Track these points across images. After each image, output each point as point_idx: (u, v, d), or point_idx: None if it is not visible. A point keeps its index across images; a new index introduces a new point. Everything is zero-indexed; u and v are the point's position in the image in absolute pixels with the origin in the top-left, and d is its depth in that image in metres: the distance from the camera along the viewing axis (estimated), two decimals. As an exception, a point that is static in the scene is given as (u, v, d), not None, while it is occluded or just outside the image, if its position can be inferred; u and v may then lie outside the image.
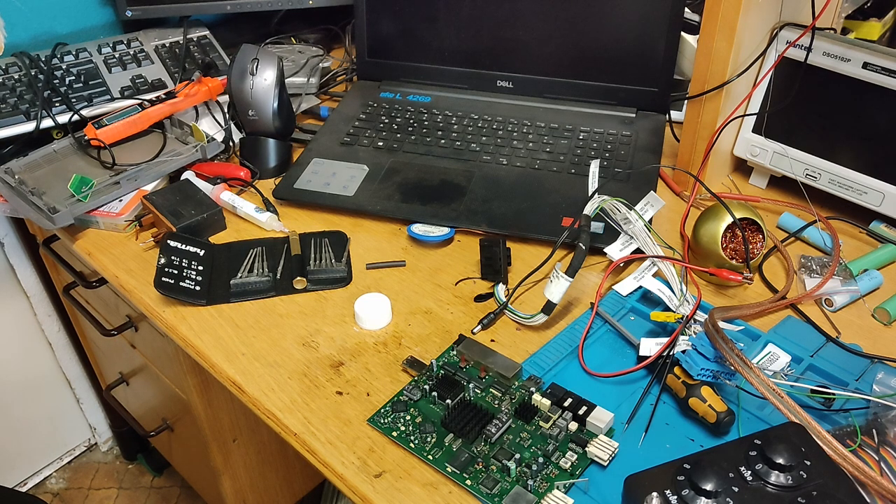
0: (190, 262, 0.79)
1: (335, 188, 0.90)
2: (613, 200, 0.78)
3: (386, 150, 0.97)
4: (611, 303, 0.75)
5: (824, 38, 0.82)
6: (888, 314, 0.73)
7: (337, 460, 0.62)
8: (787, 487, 0.49)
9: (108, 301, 1.05)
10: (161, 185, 0.92)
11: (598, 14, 0.98)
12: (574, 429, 0.61)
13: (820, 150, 0.85)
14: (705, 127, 0.87)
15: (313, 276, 0.80)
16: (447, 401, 0.64)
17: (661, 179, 0.93)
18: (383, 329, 0.74)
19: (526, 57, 1.03)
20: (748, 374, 0.58)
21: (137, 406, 1.28)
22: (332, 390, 0.68)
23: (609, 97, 1.01)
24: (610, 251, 0.78)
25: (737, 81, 0.84)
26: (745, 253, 0.75)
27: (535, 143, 0.96)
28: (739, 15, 0.78)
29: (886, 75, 0.78)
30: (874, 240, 0.83)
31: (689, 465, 0.50)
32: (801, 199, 0.86)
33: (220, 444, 1.06)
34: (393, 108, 1.04)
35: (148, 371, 1.11)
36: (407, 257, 0.83)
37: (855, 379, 0.65)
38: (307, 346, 0.72)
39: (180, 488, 1.56)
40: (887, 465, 0.57)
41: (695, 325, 0.68)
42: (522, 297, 0.78)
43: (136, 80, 1.04)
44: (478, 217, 0.85)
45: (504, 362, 0.67)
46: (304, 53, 1.17)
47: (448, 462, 0.60)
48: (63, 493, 1.57)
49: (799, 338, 0.70)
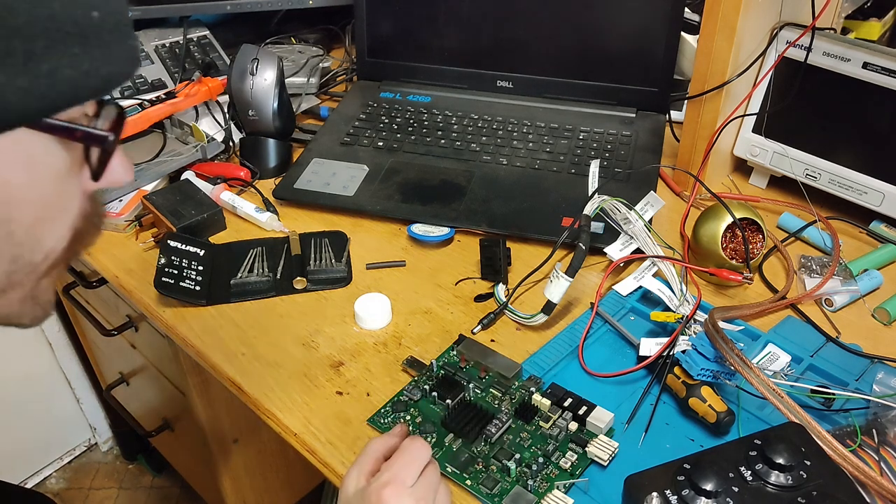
0: (190, 262, 0.79)
1: (335, 188, 0.90)
2: (613, 200, 0.78)
3: (386, 150, 0.96)
4: (611, 303, 0.75)
5: (824, 38, 0.82)
6: (888, 314, 0.73)
7: (337, 460, 0.62)
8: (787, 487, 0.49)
9: (108, 301, 1.05)
10: (161, 185, 0.92)
11: (598, 14, 0.98)
12: (574, 429, 0.61)
13: (820, 150, 0.85)
14: (705, 127, 0.87)
15: (313, 276, 0.80)
16: (447, 401, 0.64)
17: (661, 179, 0.93)
18: (383, 329, 0.74)
19: (526, 57, 1.03)
20: (748, 374, 0.58)
21: (137, 406, 1.28)
22: (332, 390, 0.68)
23: (609, 97, 1.01)
24: (610, 251, 0.78)
25: (737, 81, 0.84)
26: (745, 253, 0.75)
27: (535, 143, 0.96)
28: (739, 15, 0.78)
29: (886, 75, 0.78)
30: (874, 240, 0.83)
31: (689, 465, 0.50)
32: (801, 199, 0.86)
33: (220, 444, 1.06)
34: (393, 108, 1.04)
35: (148, 371, 1.11)
36: (407, 257, 0.83)
37: (855, 379, 0.65)
38: (307, 346, 0.72)
39: (180, 488, 1.56)
40: (887, 465, 0.57)
41: (695, 325, 0.68)
42: (522, 297, 0.77)
43: (136, 80, 1.04)
44: (478, 217, 0.85)
45: (504, 362, 0.67)
46: (304, 53, 1.17)
47: (448, 462, 0.60)
48: (63, 493, 1.57)
49: (799, 338, 0.70)
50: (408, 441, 0.54)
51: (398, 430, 0.58)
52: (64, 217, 0.39)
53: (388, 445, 0.55)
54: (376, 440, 0.56)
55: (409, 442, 0.54)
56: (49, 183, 0.37)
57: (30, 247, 0.38)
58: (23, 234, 0.37)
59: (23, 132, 0.34)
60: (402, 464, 0.51)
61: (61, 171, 0.37)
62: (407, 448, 0.53)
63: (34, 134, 0.35)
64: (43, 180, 0.36)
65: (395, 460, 0.52)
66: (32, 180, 0.36)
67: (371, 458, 0.54)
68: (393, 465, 0.51)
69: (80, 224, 0.40)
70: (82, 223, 0.40)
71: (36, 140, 0.35)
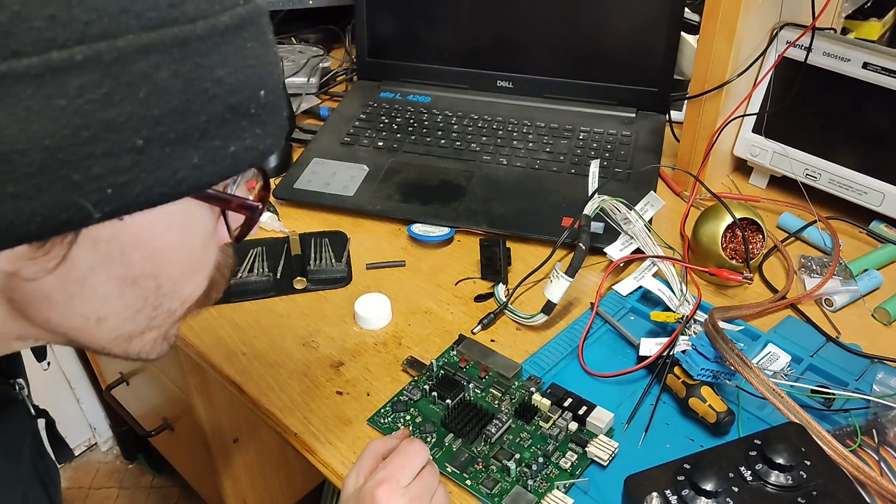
0: (190, 262, 0.79)
1: (335, 188, 0.90)
2: (613, 200, 0.78)
3: (386, 150, 0.96)
4: (611, 303, 0.75)
5: (824, 38, 0.82)
6: (888, 314, 0.73)
7: (337, 460, 0.62)
8: (787, 487, 0.49)
9: (108, 301, 1.05)
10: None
11: (598, 14, 0.98)
12: (574, 429, 0.61)
13: (820, 150, 0.85)
14: (705, 127, 0.87)
15: (313, 276, 0.80)
16: (447, 401, 0.64)
17: (661, 179, 0.93)
18: (383, 329, 0.74)
19: (526, 57, 1.03)
20: (748, 374, 0.58)
21: (137, 406, 1.28)
22: (332, 390, 0.68)
23: (609, 97, 1.01)
24: (610, 251, 0.78)
25: (737, 81, 0.84)
26: (745, 253, 0.75)
27: (535, 143, 0.96)
28: (739, 15, 0.78)
29: (886, 75, 0.78)
30: (874, 240, 0.83)
31: (689, 465, 0.50)
32: (801, 199, 0.86)
33: (220, 444, 1.06)
34: (393, 108, 1.04)
35: (148, 371, 1.11)
36: (407, 257, 0.83)
37: (855, 379, 0.65)
38: (307, 346, 0.72)
39: (180, 488, 1.56)
40: (887, 465, 0.57)
41: (695, 325, 0.68)
42: (522, 297, 0.77)
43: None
44: (478, 217, 0.85)
45: (504, 362, 0.67)
46: (304, 53, 1.17)
47: (448, 462, 0.60)
48: (63, 493, 1.57)
49: (799, 338, 0.70)
50: (405, 442, 0.54)
51: (399, 433, 0.59)
52: (203, 272, 0.42)
53: (388, 447, 0.55)
54: (376, 441, 0.56)
55: (407, 443, 0.54)
56: (198, 243, 0.40)
57: (172, 297, 0.41)
58: (169, 287, 0.40)
59: (186, 200, 0.37)
60: (397, 464, 0.52)
61: (208, 231, 0.41)
62: (403, 449, 0.53)
63: (194, 202, 0.38)
64: (193, 241, 0.40)
65: (391, 460, 0.52)
66: (186, 242, 0.39)
67: (370, 459, 0.54)
68: (388, 464, 0.52)
69: (214, 274, 0.43)
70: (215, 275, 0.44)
71: (194, 207, 0.38)
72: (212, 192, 0.38)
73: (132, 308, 0.39)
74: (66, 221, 0.32)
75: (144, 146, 0.32)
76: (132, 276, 0.38)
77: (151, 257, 0.38)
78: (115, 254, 0.36)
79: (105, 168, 0.31)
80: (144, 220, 0.35)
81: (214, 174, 0.35)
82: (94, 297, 0.37)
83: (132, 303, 0.39)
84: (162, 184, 0.33)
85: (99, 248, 0.36)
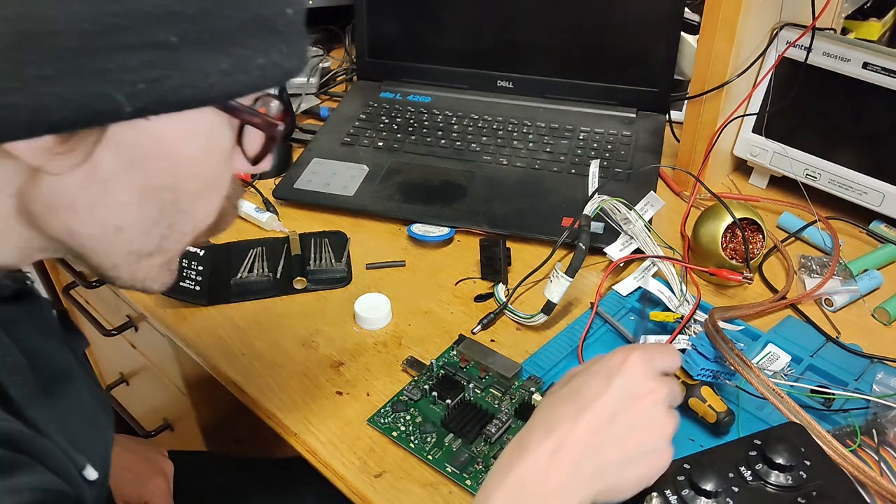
0: (190, 261, 0.79)
1: (335, 188, 0.90)
2: (613, 200, 0.78)
3: (386, 151, 0.97)
4: (611, 303, 0.75)
5: (824, 38, 0.82)
6: (888, 314, 0.73)
7: (337, 460, 0.62)
8: (787, 487, 0.49)
9: (108, 301, 1.05)
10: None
11: (598, 14, 0.98)
12: (574, 429, 0.61)
13: (820, 150, 0.85)
14: (705, 127, 0.87)
15: (313, 276, 0.80)
16: (447, 401, 0.64)
17: (661, 179, 0.93)
18: (383, 329, 0.74)
19: (526, 57, 1.03)
20: (748, 374, 0.58)
21: (137, 406, 1.27)
22: (332, 390, 0.68)
23: (609, 97, 1.01)
24: (610, 251, 0.78)
25: (737, 81, 0.84)
26: (745, 253, 0.75)
27: (535, 144, 0.96)
28: (739, 15, 0.78)
29: (886, 75, 0.78)
30: (874, 240, 0.83)
31: (689, 465, 0.50)
32: (801, 199, 0.86)
33: (220, 444, 1.06)
34: (393, 109, 1.04)
35: (148, 371, 1.11)
36: (407, 257, 0.83)
37: (855, 379, 0.65)
38: (307, 346, 0.72)
39: (180, 488, 1.56)
40: (887, 465, 0.57)
41: (695, 325, 0.68)
42: (522, 297, 0.77)
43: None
44: (478, 217, 0.85)
45: (504, 362, 0.67)
46: (305, 53, 1.17)
47: (448, 462, 0.60)
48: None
49: (799, 338, 0.70)
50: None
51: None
52: (218, 194, 0.43)
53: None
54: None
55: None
56: (216, 161, 0.41)
57: (186, 216, 0.41)
58: (185, 203, 0.41)
59: (208, 111, 0.37)
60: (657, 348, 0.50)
61: (226, 151, 0.41)
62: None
63: (216, 114, 0.38)
64: (212, 158, 0.40)
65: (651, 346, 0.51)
66: (206, 158, 0.40)
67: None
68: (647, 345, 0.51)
69: (224, 204, 0.43)
70: (226, 203, 0.44)
71: (216, 120, 0.39)
72: (235, 105, 0.38)
73: (149, 220, 0.40)
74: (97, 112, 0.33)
75: (178, 44, 0.33)
76: (152, 185, 0.39)
77: (172, 168, 0.39)
78: (138, 160, 0.37)
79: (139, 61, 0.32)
80: (168, 127, 0.36)
81: (242, 83, 0.36)
82: (114, 204, 0.38)
83: (150, 214, 0.40)
84: (193, 85, 0.34)
85: (122, 153, 0.36)
